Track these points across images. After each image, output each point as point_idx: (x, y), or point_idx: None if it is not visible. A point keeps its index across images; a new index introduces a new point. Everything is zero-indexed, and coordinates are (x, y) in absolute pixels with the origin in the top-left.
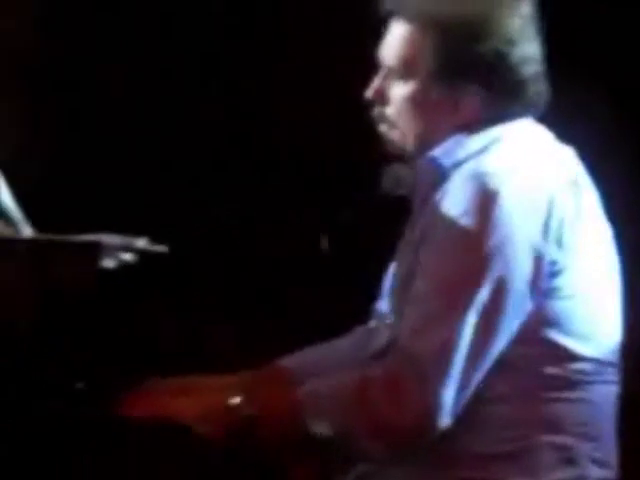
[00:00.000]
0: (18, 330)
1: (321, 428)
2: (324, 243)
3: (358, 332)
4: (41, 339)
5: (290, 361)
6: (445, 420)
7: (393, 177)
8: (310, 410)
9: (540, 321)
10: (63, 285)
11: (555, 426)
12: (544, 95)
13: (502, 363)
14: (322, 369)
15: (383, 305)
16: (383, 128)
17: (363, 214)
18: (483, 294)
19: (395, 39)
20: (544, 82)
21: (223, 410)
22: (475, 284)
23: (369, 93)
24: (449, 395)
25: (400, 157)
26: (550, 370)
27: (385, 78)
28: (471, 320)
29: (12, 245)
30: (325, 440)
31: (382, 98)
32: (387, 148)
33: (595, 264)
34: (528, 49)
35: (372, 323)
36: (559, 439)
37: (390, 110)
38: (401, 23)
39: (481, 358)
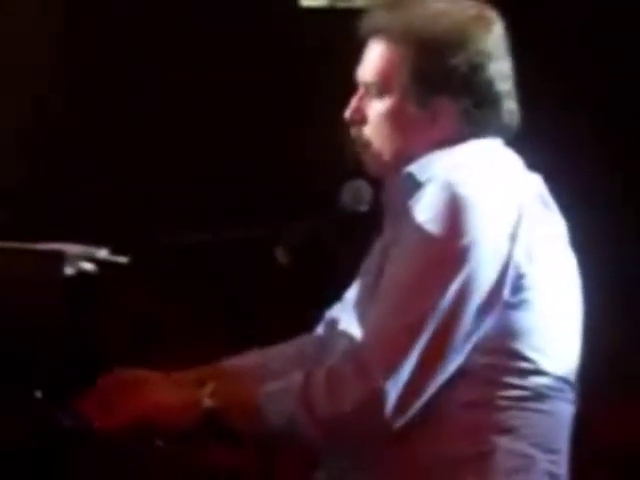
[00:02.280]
0: None
1: (274, 422)
2: (280, 255)
3: (302, 340)
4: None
5: (233, 362)
6: (388, 413)
7: (352, 193)
8: (263, 404)
9: (505, 332)
10: (27, 292)
11: (513, 433)
12: (515, 114)
13: (466, 371)
14: (264, 372)
15: (343, 317)
16: (359, 149)
17: (320, 229)
18: (444, 300)
19: (371, 57)
20: (515, 101)
21: (194, 405)
22: (437, 289)
23: (348, 113)
24: (393, 388)
25: (363, 172)
26: (513, 381)
27: (363, 97)
28: (429, 324)
29: None
30: (279, 435)
31: (360, 117)
32: (363, 168)
33: (561, 283)
34: (502, 65)
35: (319, 329)
36: (517, 446)
37: (367, 129)
38: (377, 42)
39: (435, 362)
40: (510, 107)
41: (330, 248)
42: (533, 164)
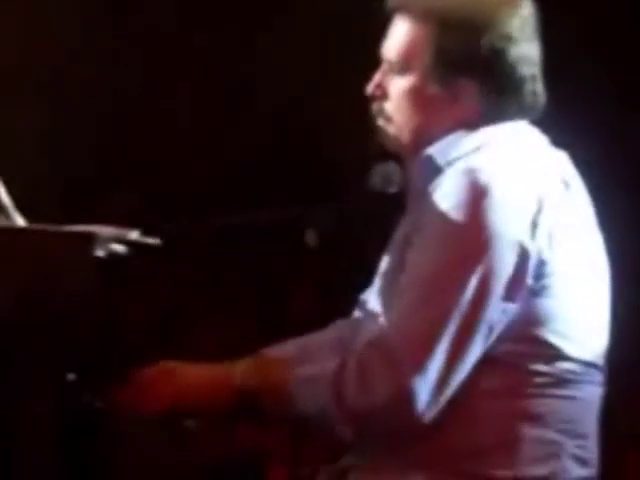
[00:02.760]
0: (11, 319)
1: (305, 409)
2: (310, 238)
3: (340, 325)
4: (33, 329)
5: (273, 351)
6: (420, 411)
7: (382, 175)
8: (295, 389)
9: (529, 319)
10: (58, 273)
11: (540, 421)
12: (540, 97)
13: (491, 359)
14: (303, 360)
15: (371, 298)
16: (381, 122)
17: (350, 211)
18: (466, 289)
19: (395, 34)
20: (540, 84)
21: (228, 385)
22: (459, 279)
23: (370, 88)
24: (423, 387)
25: (392, 154)
26: (538, 367)
27: (385, 73)
28: (454, 312)
29: (7, 234)
30: (310, 422)
31: (382, 93)
32: (384, 143)
33: (585, 267)
34: (526, 49)
35: (356, 313)
36: (543, 434)
37: (389, 105)
38: (402, 19)
39: (462, 354)
40: (534, 90)
41: (361, 230)
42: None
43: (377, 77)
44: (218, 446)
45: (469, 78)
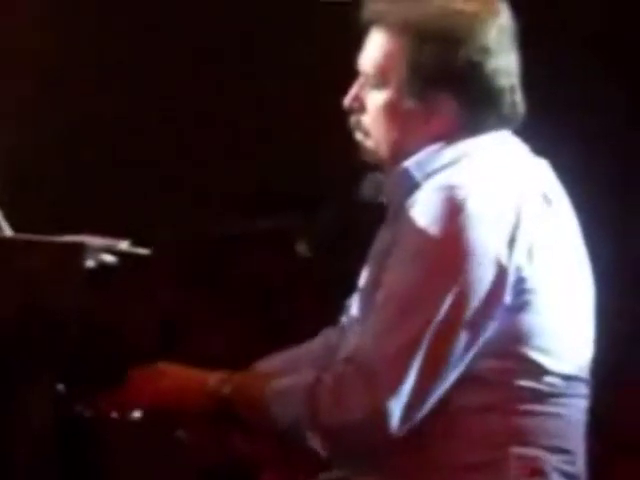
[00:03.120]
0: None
1: (279, 420)
2: (301, 247)
3: (328, 333)
4: (24, 339)
5: (264, 364)
6: (391, 429)
7: (374, 184)
8: (271, 401)
9: (511, 335)
10: (47, 285)
11: (525, 438)
12: (519, 107)
13: (473, 376)
14: (294, 369)
15: (354, 306)
16: (359, 136)
17: (342, 220)
18: (442, 308)
19: (371, 47)
20: (519, 94)
21: (202, 389)
22: (434, 296)
23: (347, 100)
24: (397, 406)
25: (377, 166)
26: (521, 383)
27: (362, 86)
28: (428, 331)
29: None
30: (285, 434)
31: (359, 105)
32: (363, 156)
33: (568, 281)
34: (504, 60)
35: (343, 319)
36: (528, 451)
37: (366, 118)
38: (378, 31)
39: (437, 373)
40: (513, 101)
41: (352, 238)
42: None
43: (354, 89)
44: (211, 454)
45: (446, 92)
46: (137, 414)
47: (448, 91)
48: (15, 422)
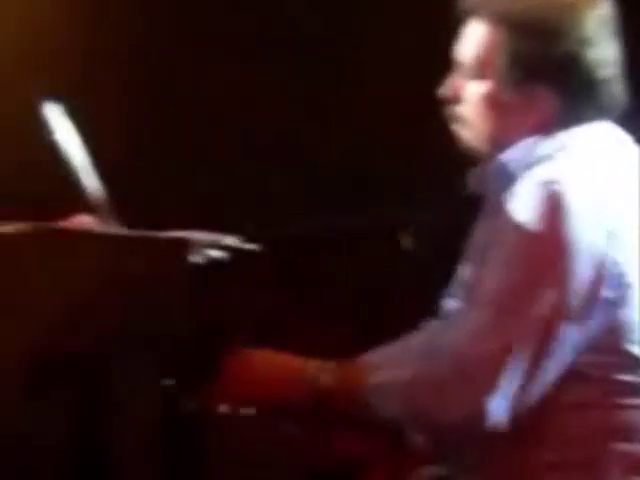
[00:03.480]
0: (108, 326)
1: (379, 413)
2: (405, 242)
3: (430, 327)
4: (131, 336)
5: (368, 358)
6: (495, 423)
7: (478, 176)
8: (371, 394)
9: (611, 330)
10: (153, 280)
11: (627, 434)
12: (618, 98)
13: (573, 371)
14: (397, 361)
15: (450, 304)
16: (456, 126)
17: (445, 212)
18: (543, 305)
19: (471, 38)
20: (619, 85)
21: (301, 378)
22: (535, 294)
23: (444, 90)
24: (497, 403)
25: (474, 157)
26: (621, 377)
27: (460, 76)
28: (528, 332)
29: (103, 239)
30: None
31: (457, 96)
32: (460, 147)
33: None
34: (603, 51)
35: (441, 315)
36: (631, 447)
37: (464, 109)
38: (477, 22)
39: (538, 373)
40: (611, 92)
41: (455, 233)
42: None
43: (451, 80)
44: (316, 450)
45: (545, 84)
46: (247, 410)
47: (547, 83)
48: (123, 419)
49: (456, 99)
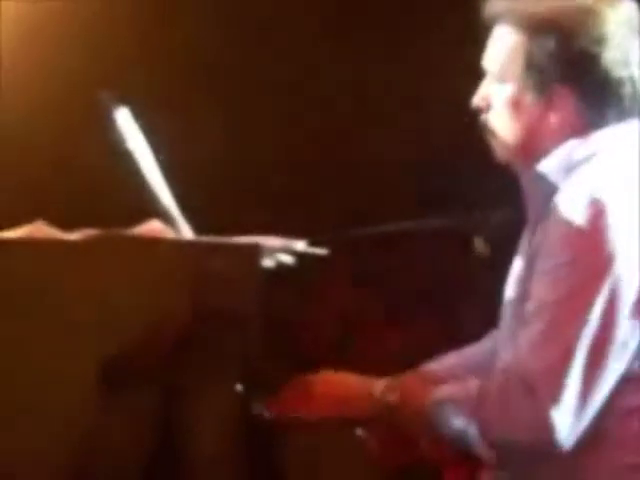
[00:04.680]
0: (182, 330)
1: (443, 429)
2: (479, 245)
3: (495, 335)
4: (205, 340)
5: (433, 366)
6: (562, 436)
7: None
8: (436, 411)
9: None
10: (226, 285)
11: None
12: None
13: (629, 377)
14: (461, 373)
15: (504, 315)
16: (488, 137)
17: (516, 216)
18: (596, 310)
19: (494, 44)
20: None
21: (367, 397)
22: (587, 302)
23: (475, 100)
24: (562, 413)
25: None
26: None
27: (489, 84)
28: (585, 337)
29: (174, 246)
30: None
31: (486, 104)
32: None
33: None
34: (622, 51)
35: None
36: None
37: (493, 117)
38: (499, 28)
39: (597, 378)
40: (634, 91)
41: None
42: None
43: (482, 89)
44: (394, 454)
45: (563, 84)
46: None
47: (565, 83)
48: (197, 422)
49: (487, 107)
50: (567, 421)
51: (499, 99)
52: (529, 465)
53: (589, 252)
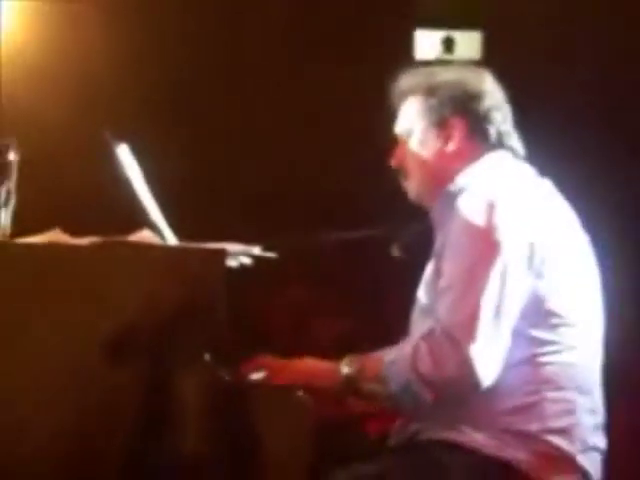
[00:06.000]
0: (167, 313)
1: (393, 387)
2: (395, 250)
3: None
4: (184, 321)
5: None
6: (482, 372)
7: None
8: (387, 372)
9: (538, 298)
10: (199, 280)
11: (556, 384)
12: (511, 136)
13: (514, 334)
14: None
15: (421, 294)
16: (404, 183)
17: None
18: (494, 277)
19: (403, 111)
20: (510, 127)
21: (333, 371)
22: (485, 274)
23: (391, 162)
24: (479, 351)
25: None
26: (548, 337)
27: (402, 148)
28: (489, 297)
29: (161, 250)
30: (398, 396)
31: (399, 163)
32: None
33: (574, 259)
34: (496, 100)
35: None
36: (560, 394)
37: (406, 169)
38: (405, 100)
39: (502, 322)
40: (505, 129)
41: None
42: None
43: (396, 151)
44: (328, 411)
45: (456, 116)
46: (257, 376)
47: (457, 115)
48: (180, 385)
49: (399, 165)
50: (483, 358)
51: (409, 150)
52: (433, 409)
53: (485, 238)
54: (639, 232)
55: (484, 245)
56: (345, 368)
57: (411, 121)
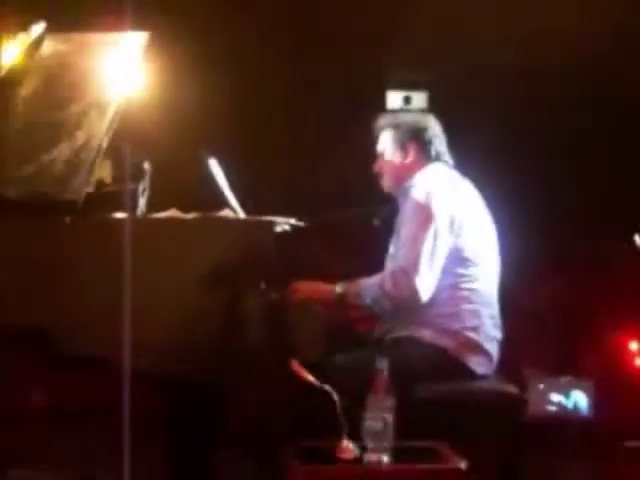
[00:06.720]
0: (236, 264)
1: (369, 300)
2: (376, 222)
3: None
4: (247, 268)
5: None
6: (424, 293)
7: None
8: (364, 292)
9: (456, 248)
10: (256, 240)
11: (469, 299)
12: (446, 154)
13: (443, 271)
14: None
15: (391, 249)
16: (381, 182)
17: (393, 208)
18: (429, 236)
19: (381, 139)
20: (445, 146)
21: (329, 290)
22: (424, 234)
23: (374, 169)
24: (422, 281)
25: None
26: (462, 271)
27: (380, 160)
28: (426, 248)
29: (236, 222)
30: (373, 305)
31: (379, 170)
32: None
33: (478, 227)
34: (435, 135)
35: (388, 257)
36: (472, 306)
37: (384, 172)
38: (382, 133)
39: (435, 263)
40: (442, 150)
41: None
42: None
43: (377, 163)
44: (334, 319)
45: (411, 141)
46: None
47: (412, 141)
48: (246, 305)
49: (379, 171)
50: (423, 284)
51: (384, 161)
52: (396, 316)
53: (423, 212)
54: (521, 210)
55: (423, 217)
56: (338, 288)
57: (385, 144)
